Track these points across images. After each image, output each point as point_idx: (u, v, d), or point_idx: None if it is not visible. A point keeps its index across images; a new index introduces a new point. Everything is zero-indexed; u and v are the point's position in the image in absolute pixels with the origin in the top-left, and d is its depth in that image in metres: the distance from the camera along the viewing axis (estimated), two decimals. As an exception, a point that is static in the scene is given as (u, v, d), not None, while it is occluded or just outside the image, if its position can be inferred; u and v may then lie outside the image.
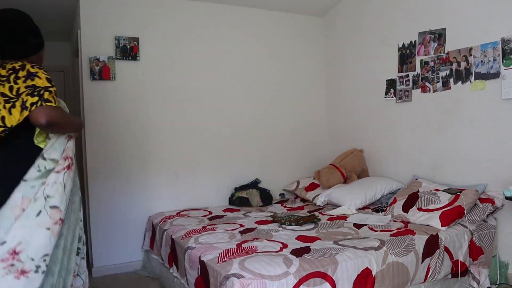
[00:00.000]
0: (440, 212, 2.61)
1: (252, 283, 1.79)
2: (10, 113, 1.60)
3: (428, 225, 2.59)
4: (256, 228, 2.72)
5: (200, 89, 3.72)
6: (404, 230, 2.51)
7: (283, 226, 2.74)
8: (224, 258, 2.05)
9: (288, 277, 1.87)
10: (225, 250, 2.17)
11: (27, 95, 1.60)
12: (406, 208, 2.85)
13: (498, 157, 2.71)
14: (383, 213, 3.03)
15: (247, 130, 3.94)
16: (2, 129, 1.60)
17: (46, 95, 1.60)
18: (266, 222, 2.88)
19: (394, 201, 3.02)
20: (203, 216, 3.19)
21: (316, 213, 3.13)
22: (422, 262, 2.28)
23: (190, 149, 3.64)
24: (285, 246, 2.25)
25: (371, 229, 2.60)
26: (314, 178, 3.90)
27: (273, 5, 3.98)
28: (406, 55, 3.34)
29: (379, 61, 3.62)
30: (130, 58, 3.40)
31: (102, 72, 3.30)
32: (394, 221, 2.80)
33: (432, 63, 3.12)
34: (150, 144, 3.49)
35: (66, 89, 4.87)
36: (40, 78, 1.64)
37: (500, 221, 2.73)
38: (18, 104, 1.60)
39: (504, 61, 2.62)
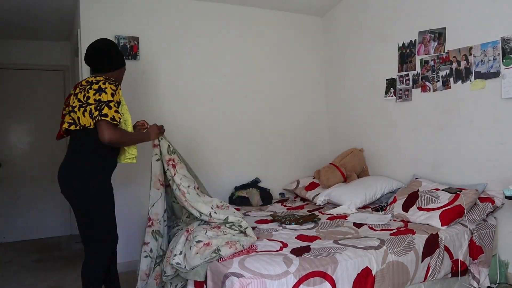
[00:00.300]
0: (440, 211, 2.61)
1: (252, 282, 1.79)
2: (84, 116, 2.11)
3: (428, 224, 2.59)
4: (256, 227, 2.71)
5: (200, 88, 3.72)
6: (404, 230, 2.51)
7: (283, 225, 2.73)
8: (224, 257, 2.05)
9: (288, 276, 1.87)
10: (225, 249, 2.16)
11: (95, 108, 2.08)
12: (406, 207, 2.85)
13: (498, 156, 2.70)
14: (383, 212, 3.03)
15: (247, 129, 3.94)
16: (75, 127, 2.15)
17: (105, 110, 2.07)
18: (266, 221, 2.88)
19: (394, 201, 3.02)
20: (203, 215, 3.19)
21: (316, 213, 3.13)
22: (422, 262, 2.28)
23: (190, 148, 3.64)
24: (285, 245, 2.25)
25: (371, 228, 2.60)
26: (314, 178, 3.90)
27: (273, 5, 3.98)
28: (406, 55, 3.34)
29: (379, 60, 3.62)
30: (130, 57, 3.40)
31: (102, 72, 3.31)
32: (394, 220, 2.80)
33: (432, 63, 3.12)
34: (149, 144, 3.48)
35: (66, 89, 4.87)
36: (106, 93, 2.10)
37: (500, 221, 2.73)
38: (88, 110, 2.10)
39: (504, 60, 2.62)
